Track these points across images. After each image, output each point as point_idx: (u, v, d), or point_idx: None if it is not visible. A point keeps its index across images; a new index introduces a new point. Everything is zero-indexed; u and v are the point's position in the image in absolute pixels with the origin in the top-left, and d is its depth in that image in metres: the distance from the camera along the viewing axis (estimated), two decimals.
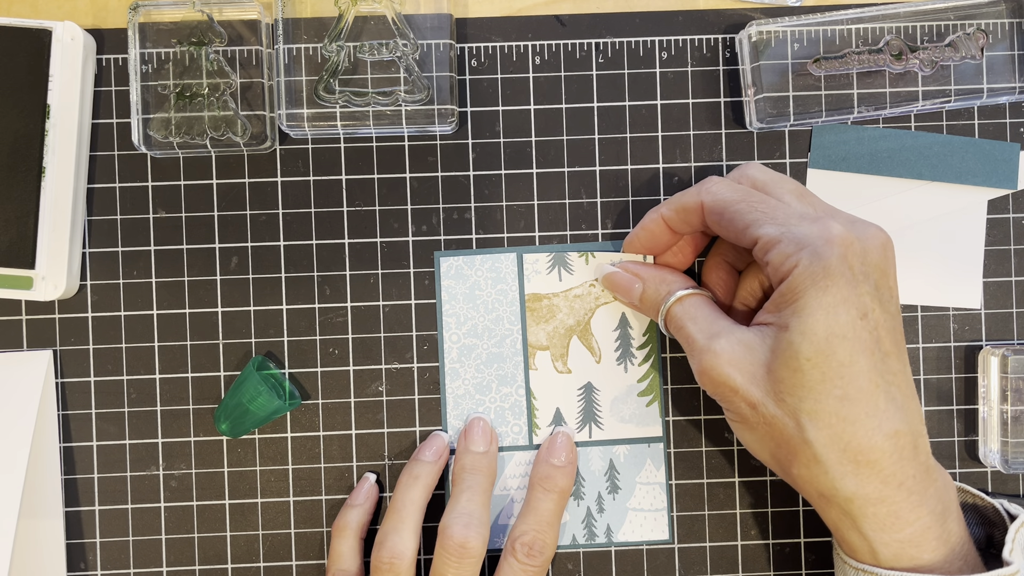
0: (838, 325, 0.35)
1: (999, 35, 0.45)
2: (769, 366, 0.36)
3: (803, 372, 0.35)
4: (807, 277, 0.35)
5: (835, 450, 0.35)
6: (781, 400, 0.36)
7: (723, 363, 0.37)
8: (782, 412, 0.36)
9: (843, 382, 0.35)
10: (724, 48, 0.46)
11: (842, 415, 0.35)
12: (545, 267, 0.45)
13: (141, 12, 0.44)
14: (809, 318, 0.35)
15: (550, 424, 0.45)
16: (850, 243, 0.36)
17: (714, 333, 0.38)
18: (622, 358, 0.45)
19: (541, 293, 0.45)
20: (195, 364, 0.45)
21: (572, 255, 0.45)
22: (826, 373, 0.35)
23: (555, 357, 0.45)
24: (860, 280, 0.36)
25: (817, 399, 0.35)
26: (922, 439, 0.36)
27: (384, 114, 0.44)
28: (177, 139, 0.44)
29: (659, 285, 0.42)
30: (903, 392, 0.36)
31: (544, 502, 0.43)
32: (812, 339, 0.35)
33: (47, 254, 0.43)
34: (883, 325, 0.36)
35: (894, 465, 0.35)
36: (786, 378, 0.36)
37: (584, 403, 0.45)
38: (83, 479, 0.45)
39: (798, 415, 0.36)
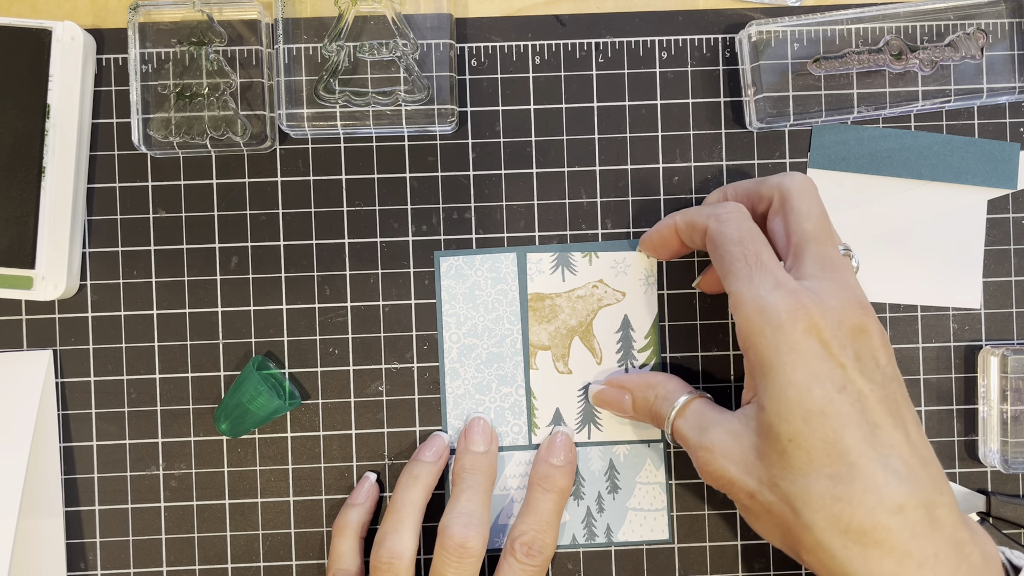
0: (813, 401, 0.33)
1: (999, 35, 0.45)
2: (758, 451, 0.35)
3: (788, 454, 0.34)
4: (771, 352, 0.34)
5: (836, 533, 0.33)
6: (775, 485, 0.34)
7: (715, 456, 0.36)
8: (777, 498, 0.34)
9: (831, 460, 0.33)
10: (724, 48, 0.46)
11: (836, 494, 0.33)
12: (548, 267, 0.45)
13: (141, 12, 0.44)
14: (781, 397, 0.34)
15: (549, 424, 0.45)
16: (821, 314, 0.34)
17: (703, 427, 0.38)
18: (623, 360, 0.45)
19: (544, 293, 0.45)
20: (195, 364, 0.45)
21: (576, 255, 0.45)
22: (811, 453, 0.33)
23: (556, 357, 0.45)
24: (835, 352, 0.34)
25: (808, 481, 0.33)
26: (943, 510, 0.33)
27: (384, 114, 0.44)
28: (177, 139, 0.44)
29: (646, 392, 0.41)
30: (907, 462, 0.33)
31: (543, 502, 0.43)
32: (789, 419, 0.33)
33: (47, 254, 0.43)
34: (870, 395, 0.34)
35: (908, 543, 0.32)
36: (774, 462, 0.34)
37: (584, 404, 0.45)
38: (83, 479, 0.45)
39: (791, 500, 0.34)
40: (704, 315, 0.46)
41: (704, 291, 0.45)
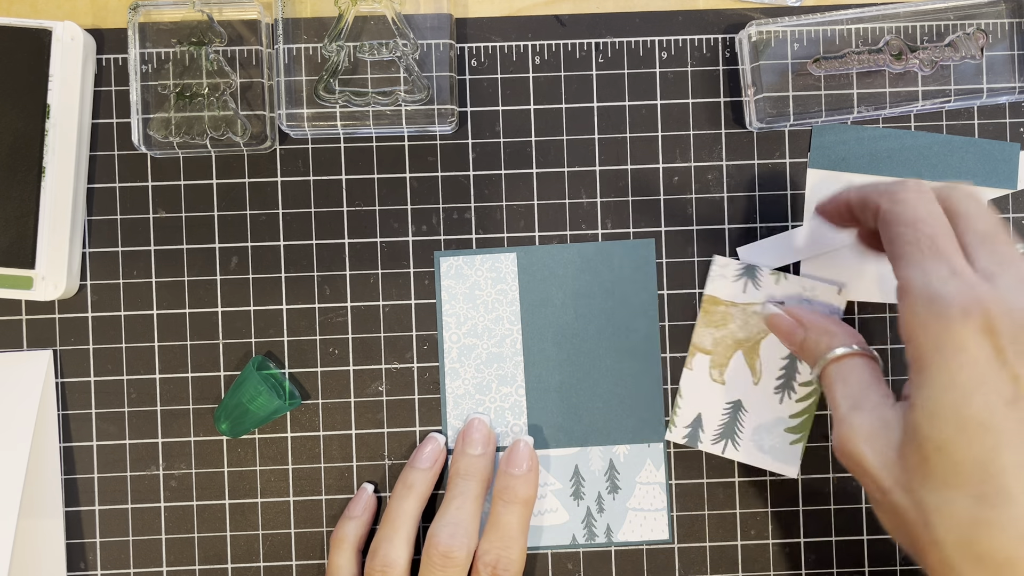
0: (973, 410, 0.30)
1: (999, 35, 0.45)
2: (901, 449, 0.32)
3: (931, 463, 0.30)
4: (933, 348, 0.31)
5: (968, 557, 0.30)
6: (911, 490, 0.31)
7: (858, 439, 0.33)
8: (910, 503, 0.31)
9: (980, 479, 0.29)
10: (724, 48, 0.46)
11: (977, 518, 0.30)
12: (733, 273, 0.45)
13: (141, 12, 0.44)
14: (937, 399, 0.30)
15: (688, 426, 0.45)
16: (1000, 314, 0.30)
17: (858, 403, 0.35)
18: (781, 388, 0.45)
19: (720, 298, 0.45)
20: (195, 364, 0.45)
21: (764, 271, 0.45)
22: (959, 466, 0.30)
23: (714, 364, 0.45)
24: (1011, 359, 0.30)
25: (948, 496, 0.30)
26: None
27: (384, 114, 0.44)
28: (177, 139, 0.44)
29: (821, 336, 0.38)
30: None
31: (505, 515, 0.42)
32: (941, 425, 0.30)
33: (47, 254, 0.43)
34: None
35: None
36: (915, 466, 0.31)
37: (728, 419, 0.45)
38: (83, 479, 0.45)
39: (926, 510, 0.31)
40: None
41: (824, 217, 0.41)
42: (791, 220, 0.46)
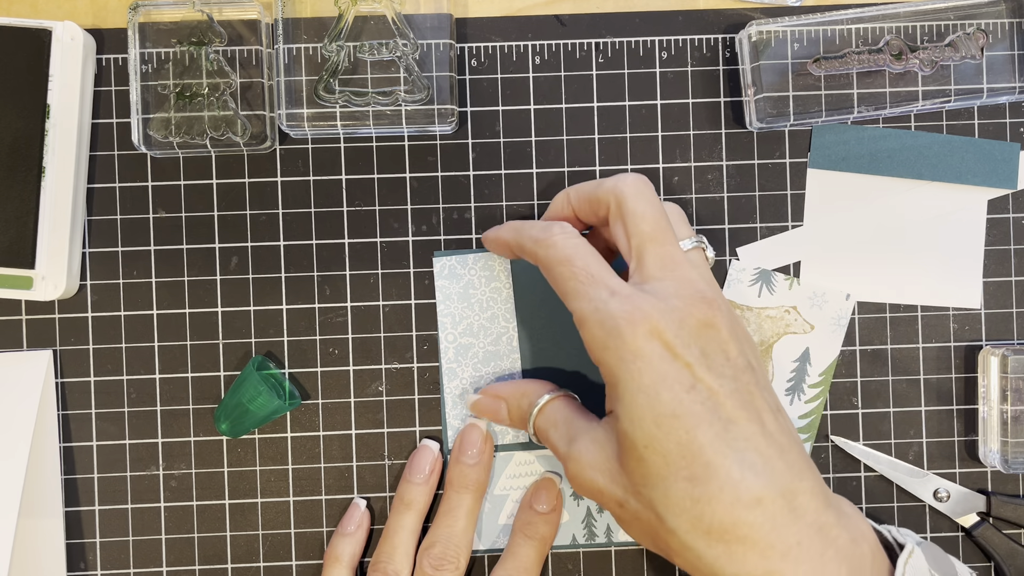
0: (663, 405, 0.33)
1: (999, 35, 0.45)
2: (620, 459, 0.35)
3: (646, 460, 0.33)
4: (616, 362, 0.34)
5: (700, 534, 0.33)
6: (638, 493, 0.34)
7: (584, 467, 0.36)
8: (642, 505, 0.34)
9: (687, 462, 0.32)
10: (724, 48, 0.46)
11: (695, 496, 0.32)
12: (749, 278, 0.45)
13: (141, 12, 0.44)
14: (632, 405, 0.33)
15: None
16: (660, 316, 0.34)
17: (572, 436, 0.37)
18: (792, 391, 0.45)
19: (736, 302, 0.45)
20: (195, 364, 0.45)
21: (779, 276, 0.45)
22: (667, 457, 0.33)
23: None
24: (681, 352, 0.33)
25: (667, 485, 0.33)
26: (804, 497, 0.33)
27: (384, 114, 0.44)
28: (177, 139, 0.44)
29: (520, 400, 0.41)
30: (763, 453, 0.33)
31: (523, 547, 0.43)
32: (642, 425, 0.33)
33: (47, 254, 0.43)
34: (720, 391, 0.33)
35: (769, 535, 0.32)
36: (634, 469, 0.34)
37: None
38: (83, 479, 0.45)
39: (655, 505, 0.33)
40: None
41: None
42: (791, 220, 0.46)
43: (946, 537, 0.45)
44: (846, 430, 0.46)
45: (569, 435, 0.38)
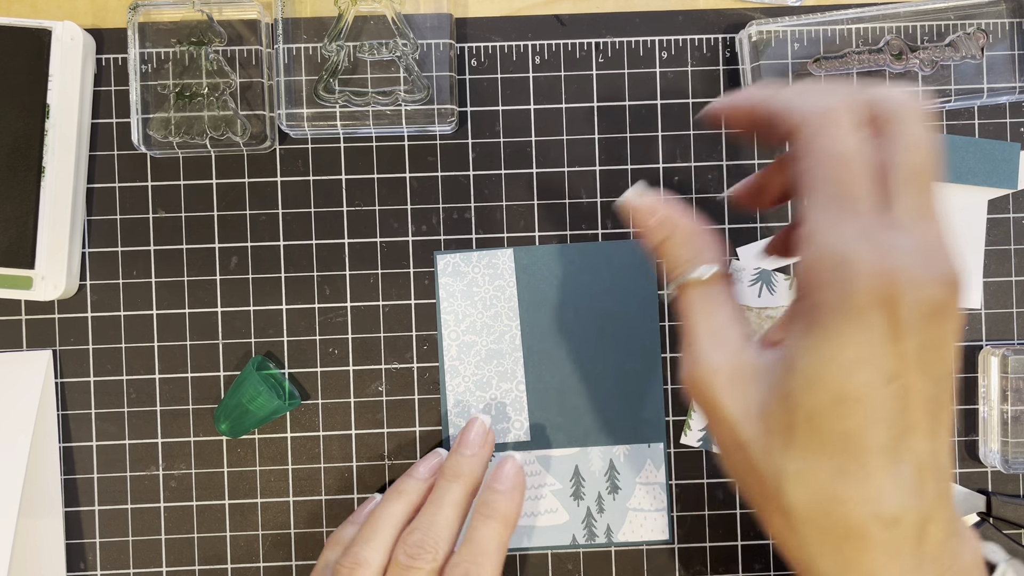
0: (852, 386, 0.28)
1: (999, 35, 0.45)
2: (767, 407, 0.30)
3: (797, 430, 0.29)
4: (830, 313, 0.28)
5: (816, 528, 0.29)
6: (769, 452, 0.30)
7: (717, 383, 0.31)
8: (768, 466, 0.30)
9: (843, 453, 0.29)
10: (724, 48, 0.46)
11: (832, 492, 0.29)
12: (749, 278, 0.45)
13: (141, 12, 0.44)
14: (819, 369, 0.29)
15: (703, 429, 0.45)
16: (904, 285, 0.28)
17: (720, 340, 0.32)
18: None
19: None
20: (195, 364, 0.45)
21: (779, 276, 0.45)
22: (824, 439, 0.29)
23: None
24: (902, 335, 0.28)
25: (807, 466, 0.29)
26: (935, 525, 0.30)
27: (384, 114, 0.44)
28: (177, 139, 0.44)
29: (686, 246, 0.33)
30: (921, 473, 0.29)
31: (482, 529, 0.40)
32: (816, 395, 0.29)
33: (47, 254, 0.43)
34: (917, 394, 0.28)
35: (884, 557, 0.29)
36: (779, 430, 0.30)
37: None
38: (83, 479, 0.45)
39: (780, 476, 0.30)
40: None
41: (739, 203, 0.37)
42: (791, 220, 0.46)
43: None
44: None
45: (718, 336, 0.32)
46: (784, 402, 0.29)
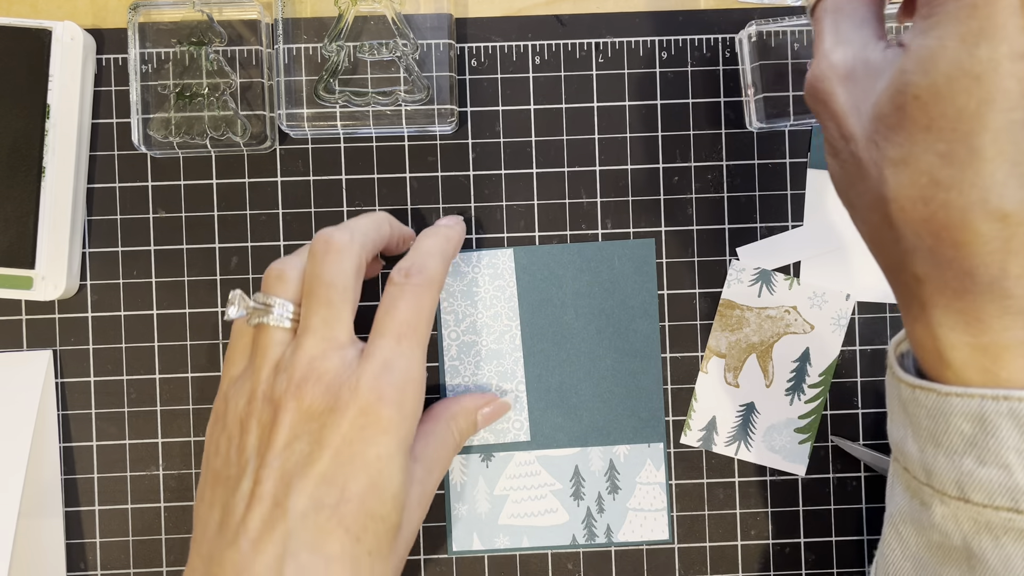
0: (974, 60, 0.25)
1: None
2: (878, 96, 0.28)
3: (906, 112, 0.27)
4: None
5: (914, 218, 0.27)
6: (873, 142, 0.28)
7: (834, 77, 0.30)
8: (871, 155, 0.28)
9: (954, 136, 0.26)
10: (724, 48, 0.46)
11: (937, 177, 0.26)
12: (749, 278, 0.45)
13: (141, 12, 0.44)
14: (934, 44, 0.26)
15: (703, 428, 0.45)
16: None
17: (846, 40, 0.30)
18: (792, 391, 0.45)
19: (736, 302, 0.45)
20: (195, 364, 0.45)
21: (779, 276, 0.45)
22: (933, 118, 0.26)
23: (729, 368, 0.45)
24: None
25: (911, 149, 0.27)
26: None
27: (384, 114, 0.44)
28: (177, 139, 0.44)
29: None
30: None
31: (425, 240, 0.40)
32: (930, 71, 0.26)
33: (47, 254, 0.43)
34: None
35: (983, 255, 0.26)
36: (886, 115, 0.27)
37: (742, 421, 0.45)
38: (83, 479, 0.45)
39: (884, 163, 0.27)
40: (704, 315, 0.46)
41: None
42: (791, 220, 0.46)
43: None
44: (846, 430, 0.46)
45: (845, 36, 0.30)
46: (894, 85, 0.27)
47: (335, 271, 0.37)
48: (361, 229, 0.39)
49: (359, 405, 0.35)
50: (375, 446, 0.34)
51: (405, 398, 0.36)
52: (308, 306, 0.37)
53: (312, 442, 0.34)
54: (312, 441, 0.34)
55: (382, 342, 0.37)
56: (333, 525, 0.33)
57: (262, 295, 0.38)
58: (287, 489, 0.34)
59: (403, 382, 0.36)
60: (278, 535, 0.33)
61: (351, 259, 0.38)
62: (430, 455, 0.39)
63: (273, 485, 0.34)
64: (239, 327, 0.39)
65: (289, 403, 0.35)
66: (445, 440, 0.41)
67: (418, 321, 0.38)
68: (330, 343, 0.36)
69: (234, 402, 0.37)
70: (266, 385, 0.36)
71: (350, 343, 0.37)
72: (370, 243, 0.40)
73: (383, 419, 0.35)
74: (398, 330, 0.37)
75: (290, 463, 0.34)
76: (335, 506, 0.34)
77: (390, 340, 0.37)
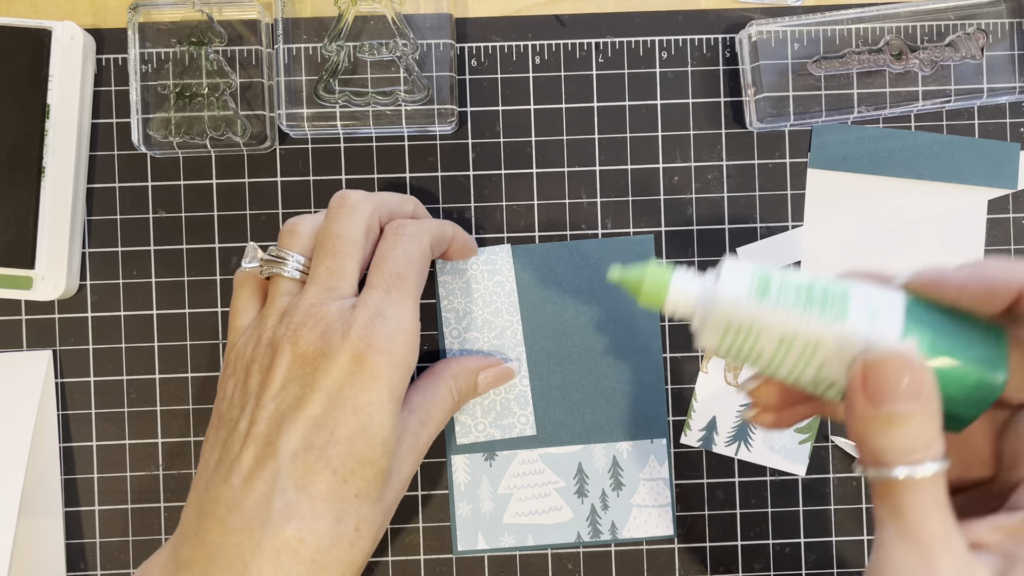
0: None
1: (999, 35, 0.45)
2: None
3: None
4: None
5: None
6: None
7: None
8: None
9: None
10: (724, 48, 0.46)
11: None
12: None
13: (141, 12, 0.44)
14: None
15: (703, 429, 0.45)
16: None
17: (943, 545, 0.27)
18: None
19: None
20: (195, 364, 0.45)
21: None
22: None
23: (729, 368, 0.45)
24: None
25: None
26: None
27: (384, 114, 0.44)
28: (177, 139, 0.44)
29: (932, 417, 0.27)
30: None
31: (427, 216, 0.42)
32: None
33: (47, 254, 0.43)
34: None
35: None
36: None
37: (741, 421, 0.45)
38: (83, 479, 0.45)
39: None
40: None
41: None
42: (791, 220, 0.46)
43: None
44: (846, 430, 0.46)
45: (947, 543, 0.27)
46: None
47: (344, 224, 0.38)
48: (381, 196, 0.41)
49: (350, 352, 0.35)
50: (366, 391, 0.35)
51: (395, 346, 0.36)
52: (315, 257, 0.38)
53: (304, 385, 0.35)
54: (304, 384, 0.35)
55: (373, 292, 0.38)
56: (321, 466, 0.34)
57: (275, 248, 0.40)
58: (279, 429, 0.35)
59: (393, 331, 0.36)
60: (268, 472, 0.34)
61: (362, 216, 0.39)
62: (427, 408, 0.40)
63: (266, 425, 0.35)
64: (240, 279, 0.40)
65: (285, 347, 0.36)
66: (443, 396, 0.41)
67: (408, 271, 0.38)
68: (331, 292, 0.37)
69: (242, 349, 0.38)
70: (271, 332, 0.37)
71: (351, 295, 0.38)
72: (386, 209, 0.41)
73: (373, 366, 0.35)
74: (388, 281, 0.38)
75: (284, 405, 0.35)
76: (324, 447, 0.34)
77: (380, 291, 0.38)
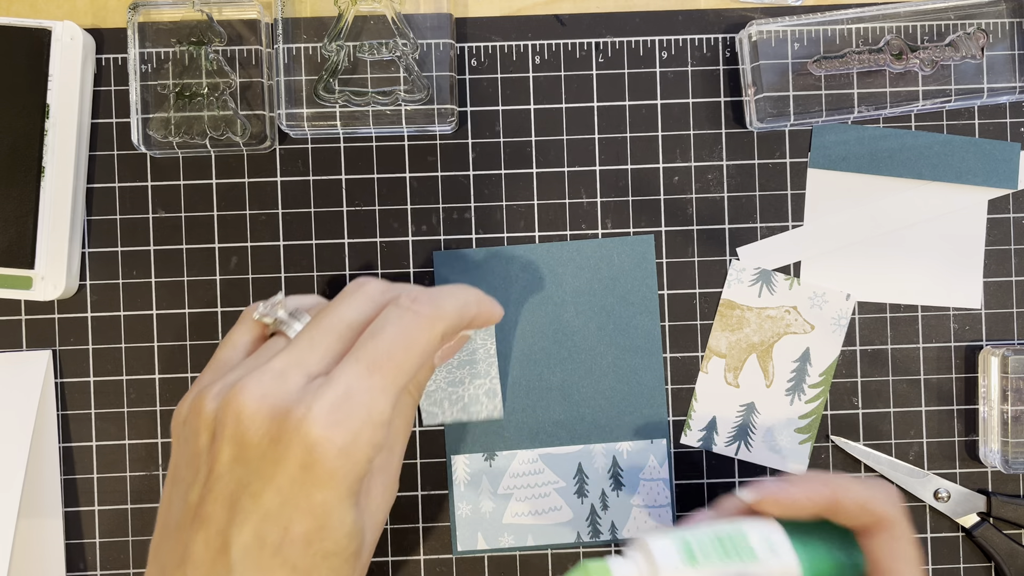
0: None
1: (999, 35, 0.45)
2: None
3: None
4: None
5: None
6: None
7: None
8: None
9: None
10: (724, 48, 0.46)
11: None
12: (749, 278, 0.45)
13: (140, 12, 0.44)
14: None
15: (703, 428, 0.45)
16: None
17: None
18: (792, 391, 0.45)
19: (736, 302, 0.45)
20: (195, 364, 0.45)
21: (779, 276, 0.45)
22: None
23: (729, 368, 0.45)
24: None
25: None
26: None
27: (384, 114, 0.44)
28: (177, 139, 0.44)
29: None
30: None
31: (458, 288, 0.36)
32: None
33: (46, 254, 0.43)
34: None
35: None
36: None
37: (742, 421, 0.45)
38: (83, 479, 0.45)
39: None
40: (704, 316, 0.46)
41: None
42: (791, 220, 0.46)
43: (946, 537, 0.45)
44: (846, 430, 0.46)
45: None
46: None
47: (347, 304, 0.34)
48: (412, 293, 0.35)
49: (303, 442, 0.30)
50: (320, 491, 0.30)
51: (357, 444, 0.31)
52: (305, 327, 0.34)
53: (253, 472, 0.31)
54: (253, 471, 0.31)
55: (351, 368, 0.32)
56: (277, 564, 0.30)
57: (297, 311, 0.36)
58: (230, 518, 0.31)
59: (359, 424, 0.31)
60: (221, 568, 0.31)
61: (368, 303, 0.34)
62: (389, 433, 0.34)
63: (218, 507, 0.31)
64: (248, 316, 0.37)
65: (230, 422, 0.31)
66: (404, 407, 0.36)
67: (405, 356, 0.32)
68: (300, 366, 0.32)
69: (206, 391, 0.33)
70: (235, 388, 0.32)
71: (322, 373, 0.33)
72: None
73: (326, 464, 0.30)
74: (374, 358, 0.32)
75: (232, 485, 0.31)
76: (278, 545, 0.30)
77: (361, 367, 0.32)
